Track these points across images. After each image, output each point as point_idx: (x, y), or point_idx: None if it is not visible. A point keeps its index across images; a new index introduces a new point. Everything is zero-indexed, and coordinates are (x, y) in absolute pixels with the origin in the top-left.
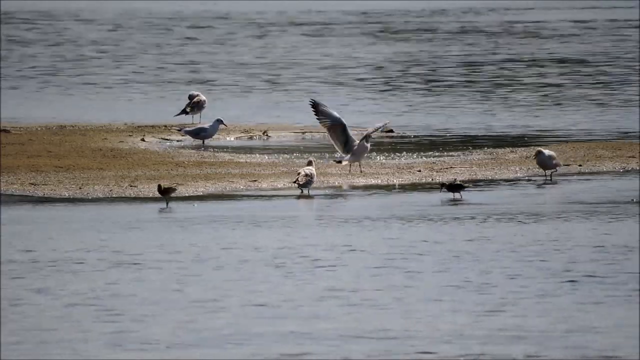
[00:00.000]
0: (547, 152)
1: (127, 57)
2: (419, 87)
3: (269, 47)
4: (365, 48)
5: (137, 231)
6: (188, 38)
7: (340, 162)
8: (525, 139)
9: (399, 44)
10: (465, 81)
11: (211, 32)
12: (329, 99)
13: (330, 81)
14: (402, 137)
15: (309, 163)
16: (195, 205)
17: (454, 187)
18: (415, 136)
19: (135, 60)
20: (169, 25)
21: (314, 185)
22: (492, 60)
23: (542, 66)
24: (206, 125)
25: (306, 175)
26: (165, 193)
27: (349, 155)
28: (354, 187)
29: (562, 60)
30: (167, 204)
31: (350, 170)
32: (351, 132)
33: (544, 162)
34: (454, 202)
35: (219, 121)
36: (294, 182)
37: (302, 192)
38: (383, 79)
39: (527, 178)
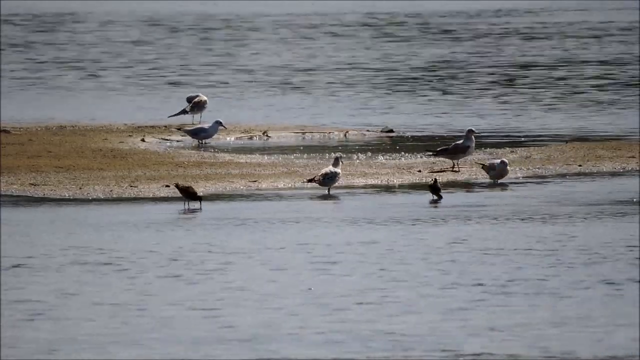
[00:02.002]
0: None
1: (127, 56)
2: (419, 87)
3: (291, 49)
4: (370, 51)
5: (142, 232)
6: (201, 39)
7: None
8: (523, 139)
9: (404, 47)
10: (466, 82)
11: (218, 33)
12: (331, 100)
13: (335, 82)
14: (401, 137)
15: (336, 160)
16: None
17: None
18: (415, 136)
19: (136, 61)
20: (177, 26)
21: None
22: (496, 62)
23: (550, 68)
24: (206, 126)
25: (325, 174)
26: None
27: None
28: (352, 188)
29: (569, 62)
30: (188, 205)
31: (453, 168)
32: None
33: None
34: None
35: (218, 123)
36: (311, 180)
37: (328, 191)
38: (385, 80)
39: (522, 178)
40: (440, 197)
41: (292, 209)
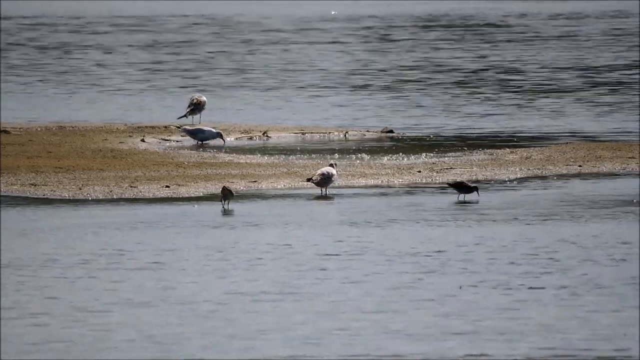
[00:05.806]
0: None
1: (129, 58)
2: (419, 88)
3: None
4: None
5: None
6: (202, 41)
7: None
8: (517, 140)
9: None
10: (467, 82)
11: (221, 34)
12: (332, 100)
13: (333, 83)
14: (402, 137)
15: (330, 166)
16: (196, 206)
17: (464, 187)
18: (415, 137)
19: (137, 61)
20: (181, 26)
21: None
22: (500, 65)
23: (553, 69)
24: (205, 128)
25: (322, 174)
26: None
27: None
28: (351, 188)
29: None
30: (227, 205)
31: None
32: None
33: None
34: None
35: (219, 134)
36: (309, 179)
37: (321, 191)
38: (385, 82)
39: (521, 178)
40: (460, 197)
41: (298, 210)
